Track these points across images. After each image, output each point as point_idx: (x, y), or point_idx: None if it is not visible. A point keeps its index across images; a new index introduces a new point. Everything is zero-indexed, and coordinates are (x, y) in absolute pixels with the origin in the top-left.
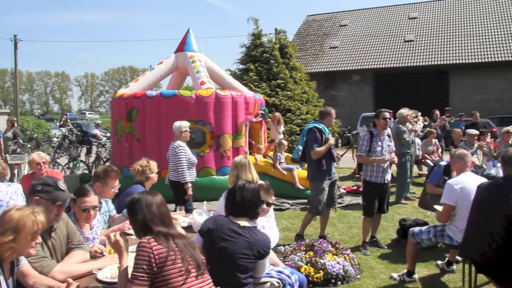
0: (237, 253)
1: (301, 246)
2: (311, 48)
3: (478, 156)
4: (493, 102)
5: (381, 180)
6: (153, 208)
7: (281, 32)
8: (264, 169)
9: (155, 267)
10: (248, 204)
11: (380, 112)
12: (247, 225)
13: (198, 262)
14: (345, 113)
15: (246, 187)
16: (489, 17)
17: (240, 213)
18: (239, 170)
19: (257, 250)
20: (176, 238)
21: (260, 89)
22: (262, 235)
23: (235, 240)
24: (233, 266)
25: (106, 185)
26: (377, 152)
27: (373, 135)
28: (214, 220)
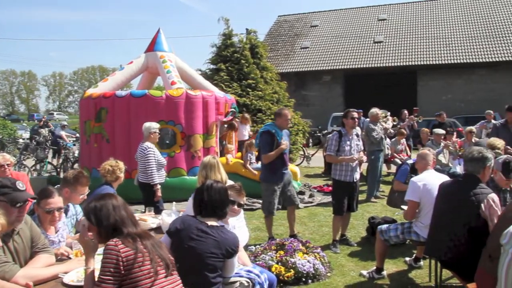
0: (206, 252)
1: (271, 245)
2: (282, 48)
3: (445, 155)
4: (458, 102)
5: (350, 179)
6: (121, 210)
7: (252, 32)
8: (235, 169)
9: (122, 269)
10: (216, 204)
11: (348, 112)
12: (215, 225)
13: (167, 262)
14: (316, 113)
15: (213, 187)
16: (455, 20)
17: (208, 213)
18: (208, 170)
19: (225, 249)
20: (143, 238)
21: (231, 89)
22: (230, 234)
23: (203, 239)
24: (201, 266)
25: (75, 191)
26: (345, 152)
27: (342, 134)
28: (182, 220)
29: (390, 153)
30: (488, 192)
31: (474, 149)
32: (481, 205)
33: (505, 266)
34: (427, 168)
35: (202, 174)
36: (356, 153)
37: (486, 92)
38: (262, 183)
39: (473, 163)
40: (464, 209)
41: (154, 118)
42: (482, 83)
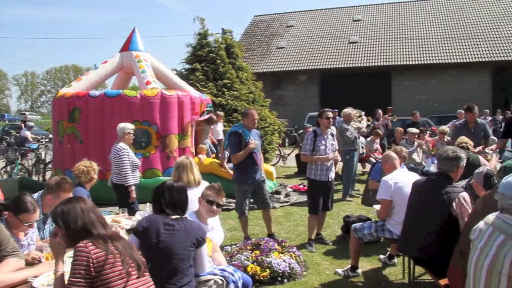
0: (175, 243)
1: (247, 245)
2: (258, 48)
3: (418, 153)
4: (432, 102)
5: (325, 178)
6: (89, 213)
7: (228, 32)
8: (211, 169)
9: (93, 271)
10: (178, 204)
11: (323, 111)
12: (178, 217)
13: (138, 263)
14: (292, 113)
15: (174, 187)
16: (428, 22)
17: (171, 212)
18: (180, 171)
19: (195, 238)
20: (114, 240)
21: (207, 89)
22: (196, 223)
23: (170, 232)
24: (174, 256)
25: (58, 198)
26: (320, 151)
27: (317, 134)
28: (148, 219)
29: (365, 152)
30: (459, 191)
31: (449, 148)
32: (453, 204)
33: (474, 261)
34: (395, 169)
35: (175, 174)
36: (331, 152)
37: (458, 92)
38: (234, 183)
39: (447, 162)
40: (437, 207)
41: (128, 119)
42: (454, 83)
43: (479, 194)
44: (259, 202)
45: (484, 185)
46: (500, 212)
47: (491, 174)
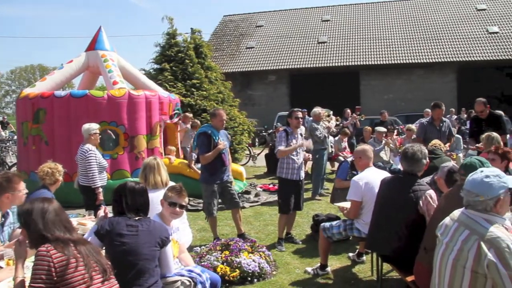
0: (140, 243)
1: (216, 246)
2: (228, 48)
3: (386, 152)
4: (399, 101)
5: (296, 177)
6: (50, 215)
7: (197, 32)
8: (179, 170)
9: (55, 276)
10: (141, 207)
11: (292, 111)
12: (142, 217)
13: (104, 267)
14: (262, 113)
15: (136, 189)
16: (395, 23)
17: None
18: (147, 172)
19: (159, 237)
20: (78, 244)
21: (176, 89)
22: (159, 223)
23: (133, 233)
24: (139, 257)
25: (15, 191)
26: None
27: (288, 133)
28: (110, 221)
29: (334, 151)
30: (426, 189)
31: (416, 148)
32: (420, 202)
33: (439, 256)
34: (368, 166)
35: (142, 175)
36: (301, 151)
37: (424, 91)
38: (202, 184)
39: (413, 161)
40: (404, 205)
41: (95, 119)
42: (420, 82)
43: (442, 188)
44: (228, 202)
45: (446, 180)
46: (465, 208)
47: (454, 170)
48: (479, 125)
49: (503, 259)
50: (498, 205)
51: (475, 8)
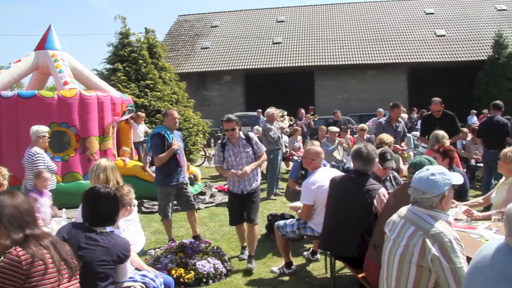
0: (96, 261)
1: (171, 248)
2: (183, 48)
3: (339, 151)
4: (353, 101)
5: (238, 190)
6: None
7: (150, 31)
8: (134, 172)
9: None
10: (106, 211)
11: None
12: (104, 231)
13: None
14: (217, 113)
15: (101, 193)
16: (348, 24)
17: (99, 221)
18: (100, 173)
19: (117, 255)
20: (44, 239)
21: (129, 90)
22: (121, 239)
23: (92, 247)
24: (92, 275)
25: None
26: (229, 162)
27: (225, 144)
28: (69, 229)
29: (288, 151)
30: (378, 188)
31: (370, 148)
32: (374, 201)
33: (387, 252)
34: (319, 167)
35: (94, 177)
36: (245, 162)
37: (377, 92)
38: (157, 186)
39: (368, 161)
40: (356, 204)
41: (45, 121)
42: (373, 83)
43: (377, 172)
44: (184, 204)
45: (380, 162)
46: (412, 205)
47: (385, 151)
48: (433, 124)
49: (446, 253)
50: (444, 201)
51: (423, 11)
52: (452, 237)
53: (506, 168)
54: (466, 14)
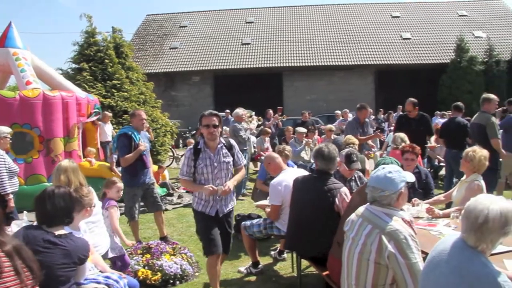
0: (56, 264)
1: (137, 249)
2: (151, 48)
3: (306, 151)
4: (321, 102)
5: (211, 211)
6: None
7: (117, 31)
8: (100, 173)
9: None
10: (61, 211)
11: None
12: (63, 233)
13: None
14: (186, 114)
15: (56, 193)
16: (317, 26)
17: (54, 222)
18: (62, 174)
19: (77, 257)
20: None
21: (95, 90)
22: (81, 241)
23: (51, 251)
24: (52, 278)
25: None
26: (204, 175)
27: (198, 151)
28: (25, 233)
29: (256, 151)
30: (340, 187)
31: (331, 147)
32: (336, 200)
33: (347, 250)
34: (281, 168)
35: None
36: (224, 176)
37: (344, 93)
38: (124, 188)
39: (330, 160)
40: (320, 204)
41: (6, 122)
42: (341, 84)
43: (344, 173)
44: (150, 205)
45: (346, 163)
46: (369, 204)
47: (351, 153)
48: (408, 124)
49: (401, 250)
50: (400, 198)
51: (390, 15)
52: (407, 234)
53: (467, 166)
54: (430, 19)
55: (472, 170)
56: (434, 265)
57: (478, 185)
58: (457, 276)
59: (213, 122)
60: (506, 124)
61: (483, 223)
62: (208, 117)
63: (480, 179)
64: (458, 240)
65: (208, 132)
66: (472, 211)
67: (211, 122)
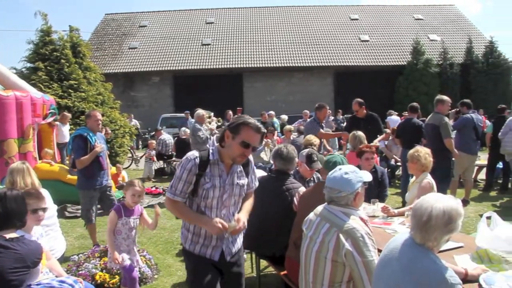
0: (8, 269)
1: (95, 253)
2: (110, 48)
3: (266, 152)
4: (281, 103)
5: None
6: None
7: (74, 30)
8: (58, 176)
9: None
10: (13, 214)
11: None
12: (14, 236)
13: None
14: (145, 114)
15: (8, 195)
16: (276, 27)
17: (5, 225)
18: (14, 176)
19: (31, 261)
20: None
21: (51, 90)
22: (33, 244)
23: (2, 255)
24: (4, 283)
25: None
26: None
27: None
28: None
29: None
30: (298, 187)
31: (289, 148)
32: (294, 199)
33: (305, 249)
34: None
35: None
36: (234, 203)
37: (304, 94)
38: (79, 190)
39: (288, 160)
40: (278, 203)
41: None
42: (300, 85)
43: (304, 173)
44: (107, 207)
45: (307, 163)
46: (327, 204)
47: (312, 153)
48: (357, 124)
49: (358, 248)
50: (357, 198)
51: (349, 17)
52: (364, 232)
53: (415, 168)
54: (387, 22)
55: (421, 169)
56: (386, 262)
57: (429, 183)
58: (407, 273)
59: (256, 142)
60: (459, 125)
61: (427, 221)
62: (255, 134)
63: (429, 177)
64: (407, 238)
65: (244, 153)
66: (417, 210)
67: (255, 142)
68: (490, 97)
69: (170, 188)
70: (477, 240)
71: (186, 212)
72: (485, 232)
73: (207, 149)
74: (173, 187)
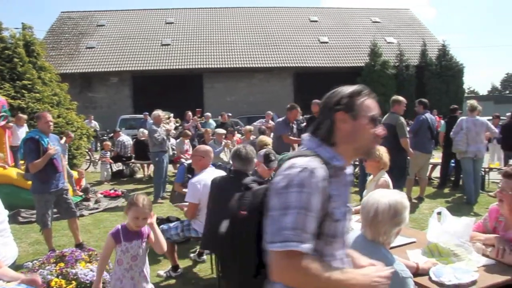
0: None
1: (50, 258)
2: (66, 47)
3: (226, 153)
4: (241, 104)
5: None
6: None
7: (28, 27)
8: (11, 180)
9: None
10: None
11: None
12: None
13: None
14: (104, 115)
15: None
16: (236, 28)
17: None
18: None
19: None
20: None
21: (3, 90)
22: None
23: None
24: None
25: None
26: (337, 234)
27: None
28: None
29: (176, 153)
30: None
31: (248, 148)
32: None
33: None
34: (207, 166)
35: None
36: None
37: (264, 94)
38: (34, 194)
39: (247, 160)
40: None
41: None
42: (261, 86)
43: (262, 172)
44: (64, 211)
45: (265, 162)
46: None
47: (269, 153)
48: None
49: None
50: None
51: (308, 19)
52: None
53: (376, 166)
54: (346, 24)
55: (379, 168)
56: None
57: (386, 182)
58: None
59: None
60: (416, 127)
61: (374, 217)
62: (374, 101)
63: (386, 176)
64: (359, 235)
65: (378, 135)
66: (365, 207)
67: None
68: (443, 98)
69: (285, 233)
70: (428, 235)
71: (328, 272)
72: (435, 227)
73: (304, 154)
74: (295, 228)
